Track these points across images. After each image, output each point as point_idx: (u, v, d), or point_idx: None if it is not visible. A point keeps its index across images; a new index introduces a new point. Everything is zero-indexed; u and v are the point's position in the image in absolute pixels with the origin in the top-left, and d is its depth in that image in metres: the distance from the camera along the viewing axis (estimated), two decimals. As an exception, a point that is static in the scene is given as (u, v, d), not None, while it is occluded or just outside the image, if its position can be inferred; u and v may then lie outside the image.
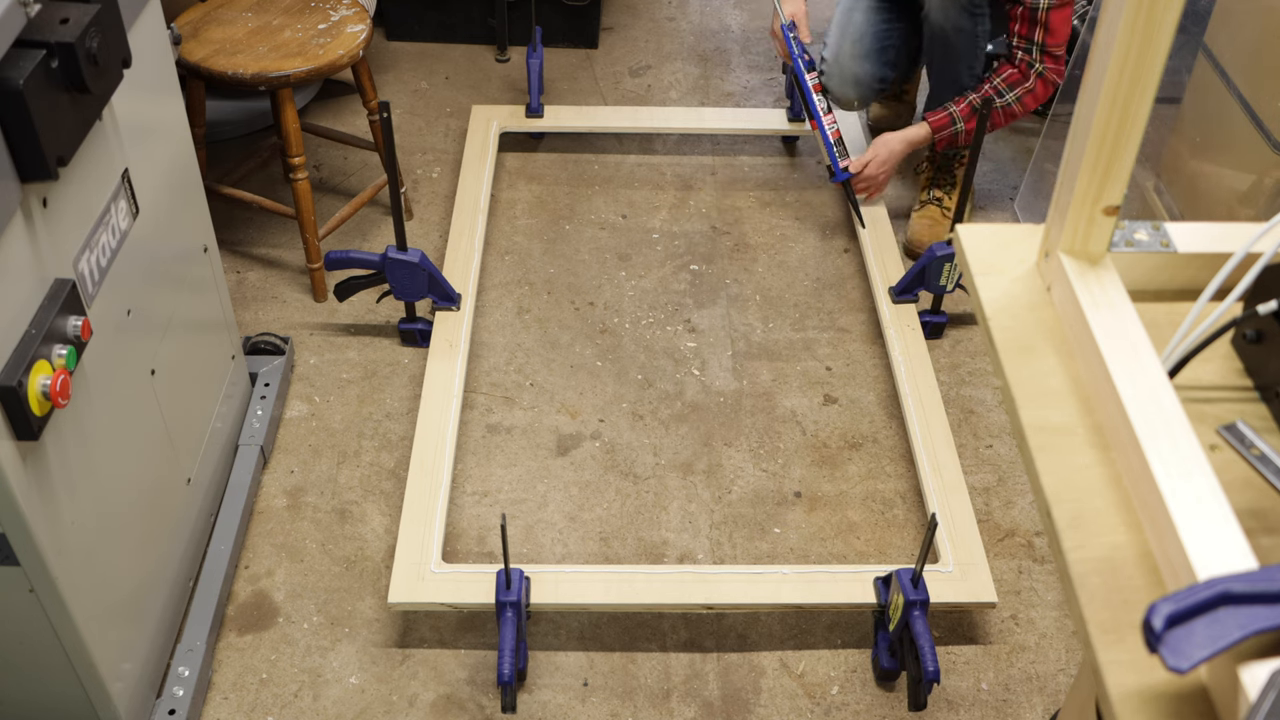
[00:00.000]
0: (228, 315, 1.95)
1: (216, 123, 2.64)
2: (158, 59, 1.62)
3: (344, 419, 2.14)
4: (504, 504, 1.97)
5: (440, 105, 2.98)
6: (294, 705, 1.70)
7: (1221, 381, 0.88)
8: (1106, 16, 0.78)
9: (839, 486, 2.02)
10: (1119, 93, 0.79)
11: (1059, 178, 0.89)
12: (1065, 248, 0.89)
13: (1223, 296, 0.84)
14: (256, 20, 2.23)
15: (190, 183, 1.77)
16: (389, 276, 2.16)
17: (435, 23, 3.18)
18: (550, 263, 2.47)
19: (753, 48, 3.25)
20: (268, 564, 1.89)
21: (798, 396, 2.18)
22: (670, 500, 1.99)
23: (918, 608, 1.64)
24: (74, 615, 1.36)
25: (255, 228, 2.55)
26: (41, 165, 1.20)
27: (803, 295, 2.41)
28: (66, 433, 1.33)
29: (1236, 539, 0.69)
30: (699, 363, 2.24)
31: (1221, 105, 2.24)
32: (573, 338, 2.30)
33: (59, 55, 1.21)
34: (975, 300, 0.93)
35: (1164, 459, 0.74)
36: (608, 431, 2.10)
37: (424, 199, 2.67)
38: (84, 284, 1.36)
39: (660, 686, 1.74)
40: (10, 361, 1.18)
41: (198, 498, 1.81)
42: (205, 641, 1.71)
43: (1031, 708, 1.73)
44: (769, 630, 1.82)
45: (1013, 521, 2.00)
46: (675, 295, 2.39)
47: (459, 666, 1.75)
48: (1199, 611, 0.60)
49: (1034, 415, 0.83)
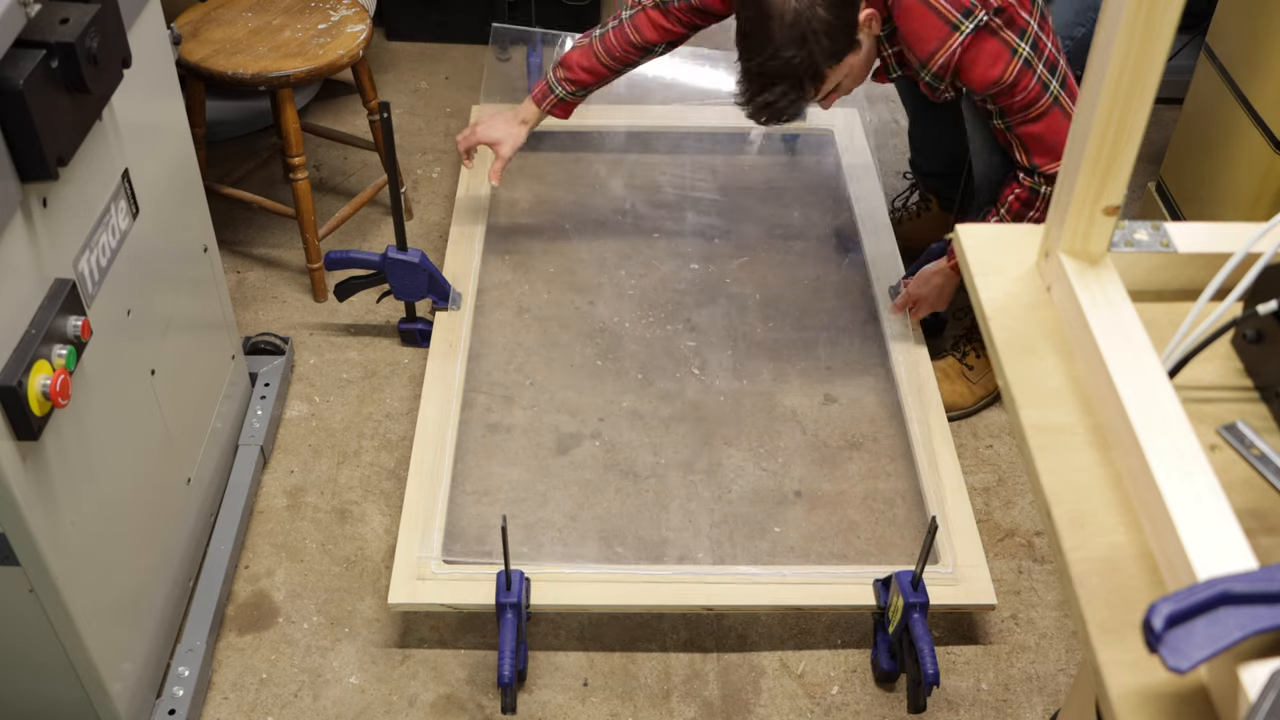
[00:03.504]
0: (228, 315, 1.95)
1: (216, 123, 2.63)
2: (158, 59, 1.62)
3: (344, 419, 2.14)
4: (504, 503, 1.97)
5: (440, 105, 2.98)
6: (294, 705, 1.70)
7: (1221, 381, 0.88)
8: (1106, 16, 0.78)
9: (839, 486, 2.02)
10: (1119, 93, 0.79)
11: (1059, 178, 0.89)
12: (1065, 248, 0.89)
13: (1223, 296, 0.84)
14: (256, 20, 2.23)
15: (190, 183, 1.77)
16: (389, 276, 2.16)
17: (435, 23, 3.18)
18: (550, 262, 2.47)
19: (753, 47, 3.25)
20: (268, 564, 1.89)
21: (798, 396, 2.18)
22: (670, 499, 1.99)
23: (917, 610, 1.64)
24: (74, 615, 1.36)
25: (255, 228, 2.55)
26: (41, 165, 1.20)
27: (803, 295, 2.41)
28: (66, 433, 1.32)
29: (1236, 539, 0.69)
30: (699, 362, 2.24)
31: (1222, 105, 2.24)
32: (573, 337, 2.29)
33: (59, 55, 1.21)
34: (975, 300, 0.93)
35: (1164, 459, 0.74)
36: (608, 431, 2.10)
37: (424, 199, 2.67)
38: (84, 284, 1.36)
39: (660, 686, 1.74)
40: (10, 361, 1.18)
41: (198, 497, 1.81)
42: (205, 641, 1.71)
43: (1031, 708, 1.73)
44: (769, 630, 1.82)
45: (1013, 521, 2.00)
46: (675, 295, 2.39)
47: (459, 666, 1.75)
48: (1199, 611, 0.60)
49: (1034, 415, 0.83)
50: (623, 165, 2.75)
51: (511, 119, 2.24)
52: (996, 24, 1.74)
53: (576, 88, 2.18)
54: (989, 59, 1.75)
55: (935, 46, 1.76)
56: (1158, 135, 2.76)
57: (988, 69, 1.76)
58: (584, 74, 2.16)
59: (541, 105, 2.21)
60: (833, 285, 2.43)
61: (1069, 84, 1.80)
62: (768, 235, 2.56)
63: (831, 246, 2.54)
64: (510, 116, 2.24)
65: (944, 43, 1.75)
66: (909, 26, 1.77)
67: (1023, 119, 1.81)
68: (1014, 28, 1.75)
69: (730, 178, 2.73)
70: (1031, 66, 1.76)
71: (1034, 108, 1.79)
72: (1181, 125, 2.47)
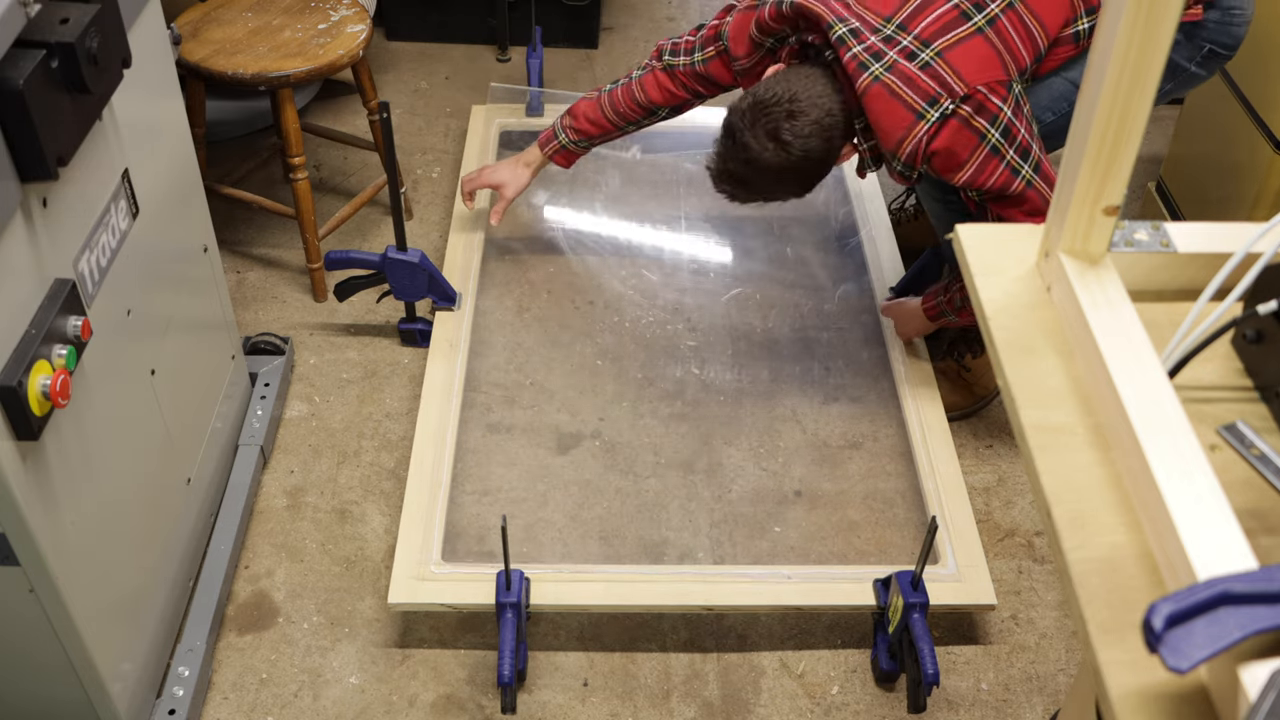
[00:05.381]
0: (228, 315, 1.95)
1: (216, 123, 2.63)
2: (158, 59, 1.62)
3: (344, 419, 2.14)
4: (504, 503, 1.97)
5: (440, 105, 2.98)
6: (294, 705, 1.70)
7: (1221, 381, 0.88)
8: (1106, 16, 0.78)
9: (839, 485, 2.02)
10: (1119, 93, 0.79)
11: (1059, 178, 0.89)
12: (1065, 248, 0.89)
13: (1223, 296, 0.84)
14: (256, 20, 2.23)
15: (190, 183, 1.77)
16: (389, 276, 2.16)
17: (435, 23, 3.18)
18: (550, 261, 2.47)
19: (753, 47, 3.25)
20: (268, 564, 1.89)
21: (798, 395, 2.18)
22: (670, 499, 1.99)
23: (917, 610, 1.64)
24: (74, 615, 1.36)
25: (255, 228, 2.55)
26: (41, 165, 1.20)
27: (803, 295, 2.41)
28: (66, 433, 1.32)
29: (1236, 539, 0.69)
30: (699, 361, 2.24)
31: (1222, 105, 2.24)
32: (573, 337, 2.29)
33: (59, 55, 1.21)
34: (975, 300, 0.93)
35: (1164, 459, 0.74)
36: (608, 430, 2.10)
37: (424, 199, 2.67)
38: (84, 284, 1.36)
39: (660, 686, 1.74)
40: (10, 361, 1.18)
41: (198, 497, 1.81)
42: (205, 641, 1.71)
43: (1031, 708, 1.73)
44: (769, 630, 1.82)
45: (1013, 521, 2.00)
46: (675, 294, 2.39)
47: (459, 666, 1.75)
48: (1199, 611, 0.60)
49: (1034, 415, 0.83)
50: (623, 164, 2.75)
51: (515, 163, 2.28)
52: (965, 111, 1.71)
53: (580, 137, 2.20)
54: (957, 146, 1.73)
55: (903, 135, 1.74)
56: (1158, 135, 2.76)
57: (954, 156, 1.74)
58: (589, 125, 2.18)
59: (544, 150, 2.24)
60: (833, 285, 2.44)
61: (1044, 169, 1.77)
62: (768, 235, 2.56)
63: (832, 247, 2.54)
64: (514, 161, 2.28)
65: (910, 130, 1.73)
66: (876, 119, 1.75)
67: (996, 200, 1.80)
68: (984, 114, 1.72)
69: (730, 178, 2.72)
70: (1000, 154, 1.74)
71: (1007, 191, 1.76)
72: (1181, 125, 2.47)
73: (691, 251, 2.51)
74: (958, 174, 1.76)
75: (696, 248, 2.52)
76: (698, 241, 2.53)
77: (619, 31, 3.30)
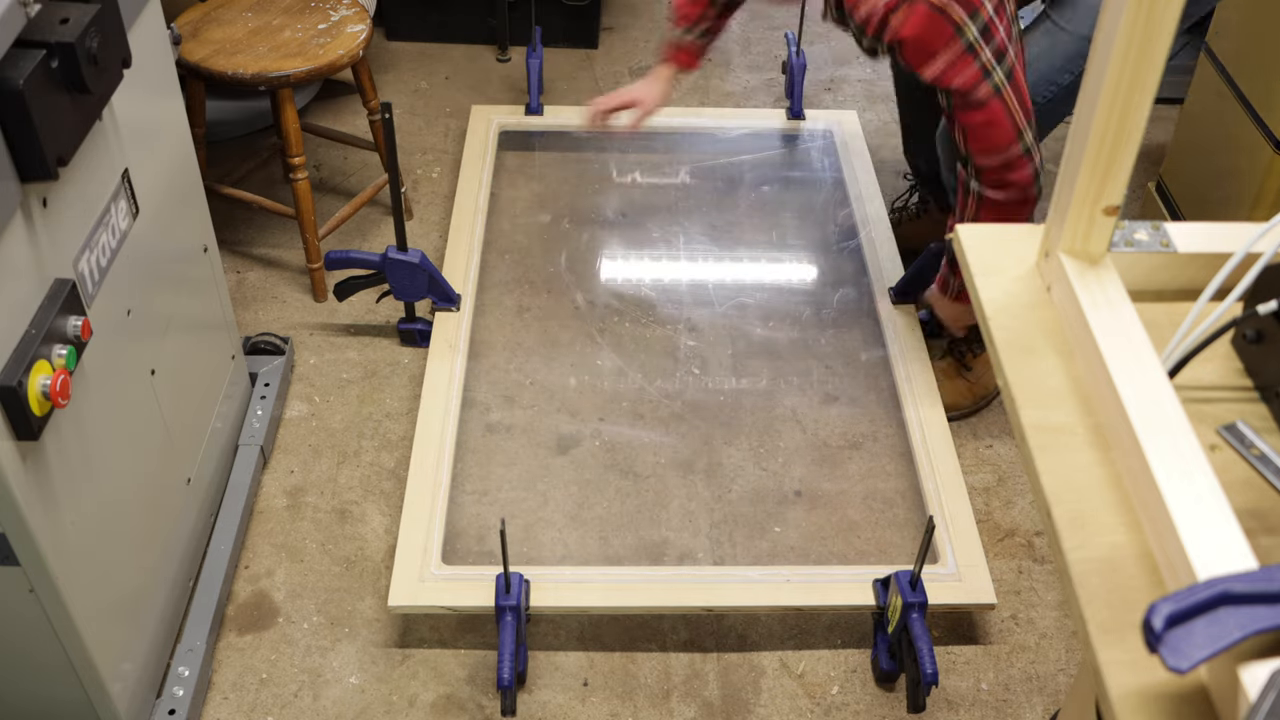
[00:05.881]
0: (228, 315, 1.95)
1: (216, 123, 2.63)
2: (158, 59, 1.62)
3: (344, 419, 2.14)
4: (504, 503, 1.97)
5: (440, 105, 2.98)
6: (294, 705, 1.70)
7: (1221, 381, 0.88)
8: (1107, 16, 0.78)
9: (839, 485, 2.02)
10: (1119, 93, 0.79)
11: (1059, 178, 0.89)
12: (1065, 248, 0.89)
13: (1223, 296, 0.84)
14: (256, 20, 2.23)
15: (190, 183, 1.77)
16: (389, 276, 2.16)
17: (435, 23, 3.18)
18: (550, 262, 2.47)
19: (753, 48, 3.25)
20: (268, 564, 1.89)
21: (798, 396, 2.18)
22: (670, 499, 1.99)
23: (916, 610, 1.64)
24: (74, 615, 1.36)
25: (255, 228, 2.55)
26: (41, 165, 1.20)
27: (803, 294, 2.41)
28: (66, 433, 1.32)
29: (1236, 539, 0.69)
30: (699, 362, 2.24)
31: (1222, 105, 2.24)
32: (573, 337, 2.29)
33: (59, 55, 1.21)
34: (975, 300, 0.93)
35: (1164, 459, 0.74)
36: (608, 431, 2.10)
37: (424, 199, 2.67)
38: (84, 284, 1.36)
39: (660, 686, 1.74)
40: (10, 361, 1.18)
41: (198, 497, 1.81)
42: (205, 641, 1.71)
43: (1031, 708, 1.73)
44: (769, 630, 1.82)
45: (1013, 521, 2.00)
46: (675, 294, 2.39)
47: (459, 667, 1.75)
48: (1199, 611, 0.60)
49: (1034, 415, 0.83)
50: (623, 164, 2.75)
51: (648, 80, 2.29)
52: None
53: (688, 25, 2.21)
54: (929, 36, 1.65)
55: None
56: (1158, 135, 2.76)
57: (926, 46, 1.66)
58: (689, 7, 2.19)
59: (665, 58, 2.26)
60: (833, 285, 2.44)
61: (1016, 78, 1.70)
62: (768, 235, 2.56)
63: (832, 247, 2.53)
64: (646, 79, 2.29)
65: None
66: None
67: (963, 104, 1.73)
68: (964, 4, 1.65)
69: (730, 177, 2.73)
70: (975, 52, 1.66)
71: (974, 95, 1.69)
72: (1181, 125, 2.47)
73: (692, 251, 2.51)
74: (928, 67, 1.70)
75: (697, 247, 2.52)
76: (699, 241, 2.53)
77: (619, 31, 3.30)
